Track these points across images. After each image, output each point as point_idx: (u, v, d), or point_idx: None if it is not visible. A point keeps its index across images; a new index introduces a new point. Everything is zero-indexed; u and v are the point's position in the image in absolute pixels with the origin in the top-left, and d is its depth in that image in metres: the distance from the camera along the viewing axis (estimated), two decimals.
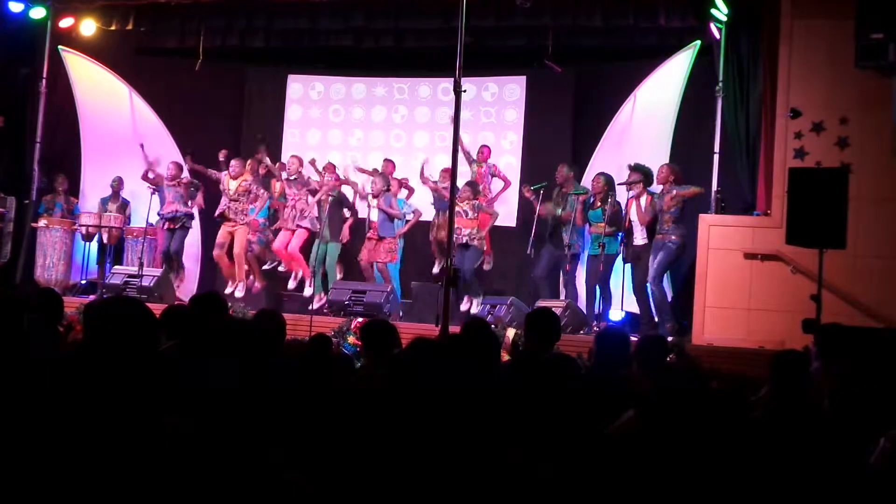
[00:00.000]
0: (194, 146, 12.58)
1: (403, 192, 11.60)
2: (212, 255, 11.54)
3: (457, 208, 9.48)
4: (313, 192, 11.25)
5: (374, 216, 10.98)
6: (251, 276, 11.39)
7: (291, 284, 11.47)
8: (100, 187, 12.17)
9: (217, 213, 11.47)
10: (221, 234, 11.30)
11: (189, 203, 11.59)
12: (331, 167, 11.57)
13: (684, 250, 9.34)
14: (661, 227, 9.28)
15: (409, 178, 11.89)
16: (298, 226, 11.23)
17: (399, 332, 4.73)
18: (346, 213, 11.39)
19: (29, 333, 3.91)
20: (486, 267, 11.23)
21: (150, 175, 11.73)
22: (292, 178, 11.33)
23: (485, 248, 10.88)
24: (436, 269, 11.29)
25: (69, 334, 6.04)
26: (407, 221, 11.20)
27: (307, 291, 11.09)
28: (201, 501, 2.00)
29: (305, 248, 11.32)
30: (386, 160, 11.90)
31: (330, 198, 11.08)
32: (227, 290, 11.01)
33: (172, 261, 11.41)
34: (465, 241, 10.34)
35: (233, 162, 11.42)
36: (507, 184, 11.50)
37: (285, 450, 2.15)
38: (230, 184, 11.34)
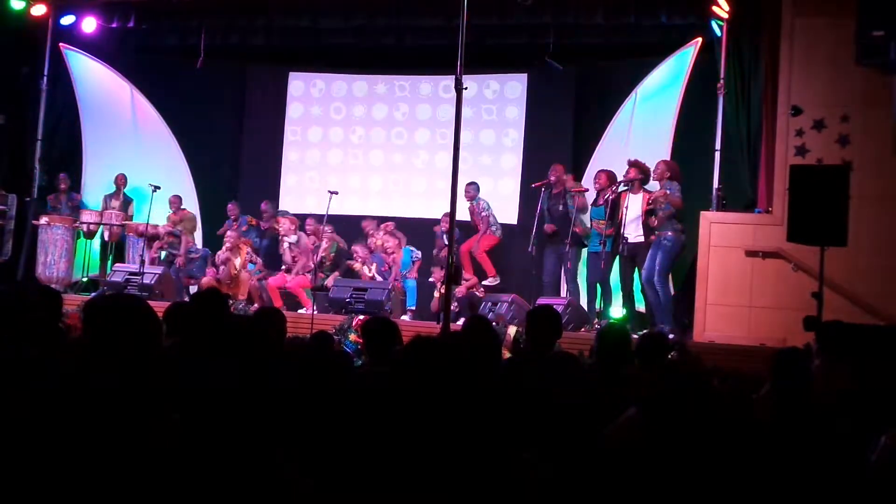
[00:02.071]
0: (195, 144, 12.59)
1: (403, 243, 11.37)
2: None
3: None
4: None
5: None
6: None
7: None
8: (101, 185, 12.19)
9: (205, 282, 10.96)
10: (206, 282, 10.80)
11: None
12: (315, 229, 11.24)
13: (684, 247, 9.28)
14: (656, 224, 9.21)
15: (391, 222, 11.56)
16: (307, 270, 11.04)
17: (400, 330, 4.73)
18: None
19: (29, 332, 3.91)
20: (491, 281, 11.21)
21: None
22: (292, 241, 11.13)
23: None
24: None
25: (69, 332, 6.04)
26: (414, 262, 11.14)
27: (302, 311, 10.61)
28: (201, 501, 2.00)
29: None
30: (366, 222, 11.57)
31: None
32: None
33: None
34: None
35: (229, 233, 11.23)
36: (484, 227, 11.18)
37: (286, 449, 2.15)
38: (236, 262, 11.02)
